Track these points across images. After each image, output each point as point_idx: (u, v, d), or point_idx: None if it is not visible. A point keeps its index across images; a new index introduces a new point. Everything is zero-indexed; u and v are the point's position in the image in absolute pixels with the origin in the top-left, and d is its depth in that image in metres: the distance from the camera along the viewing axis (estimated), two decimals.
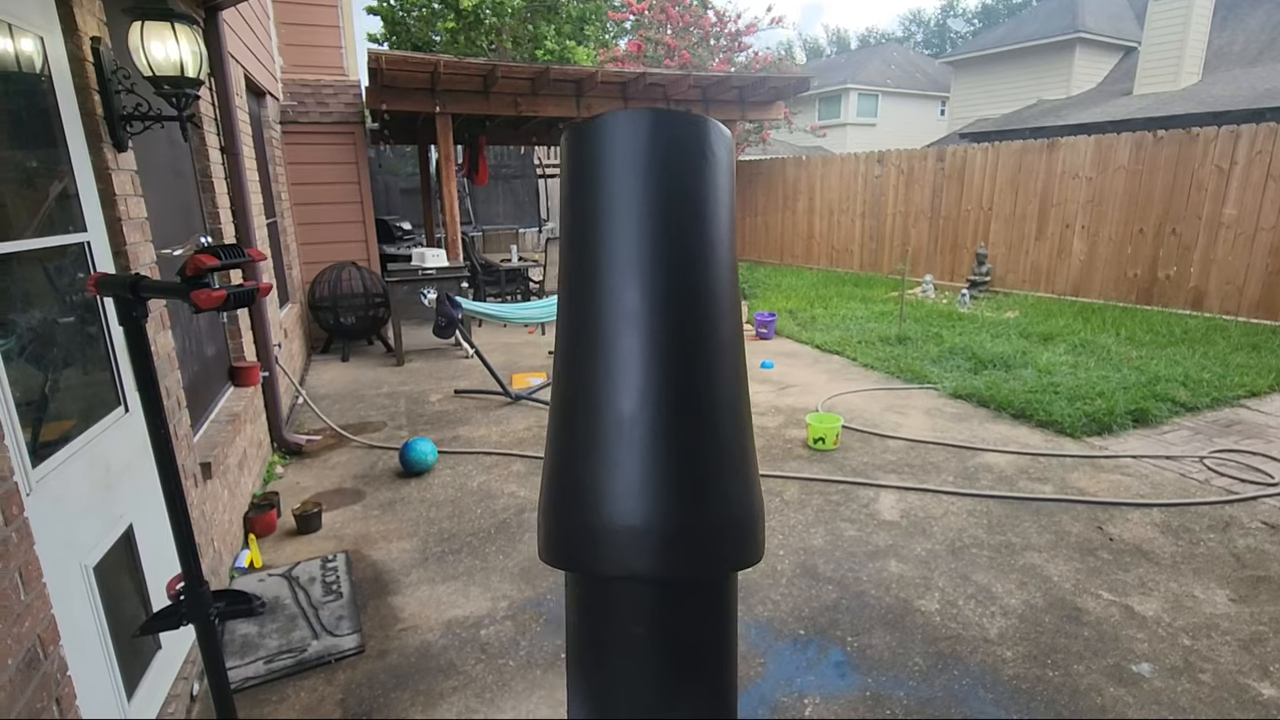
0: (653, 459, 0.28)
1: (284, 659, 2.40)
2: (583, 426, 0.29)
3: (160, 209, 2.82)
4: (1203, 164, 7.39)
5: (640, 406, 0.28)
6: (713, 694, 0.31)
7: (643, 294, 0.28)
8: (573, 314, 0.30)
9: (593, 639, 0.31)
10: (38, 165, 1.93)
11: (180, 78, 2.38)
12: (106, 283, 1.29)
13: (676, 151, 0.29)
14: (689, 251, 0.29)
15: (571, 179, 0.30)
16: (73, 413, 1.92)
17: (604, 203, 0.29)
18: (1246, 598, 2.70)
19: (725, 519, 0.29)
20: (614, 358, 0.28)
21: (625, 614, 0.30)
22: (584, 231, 0.29)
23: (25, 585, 1.41)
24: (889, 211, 11.05)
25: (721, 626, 0.31)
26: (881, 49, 29.98)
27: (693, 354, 0.29)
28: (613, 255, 0.28)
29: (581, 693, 0.31)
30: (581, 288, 0.29)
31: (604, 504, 0.28)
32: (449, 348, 7.09)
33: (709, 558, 0.29)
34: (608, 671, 0.30)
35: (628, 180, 0.29)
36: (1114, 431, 4.43)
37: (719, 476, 0.29)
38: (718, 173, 0.30)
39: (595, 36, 17.10)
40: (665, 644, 0.30)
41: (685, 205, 0.29)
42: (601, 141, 0.29)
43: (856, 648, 2.45)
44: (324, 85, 7.04)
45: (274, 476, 3.99)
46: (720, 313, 0.30)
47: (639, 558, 0.28)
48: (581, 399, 0.29)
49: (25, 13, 1.85)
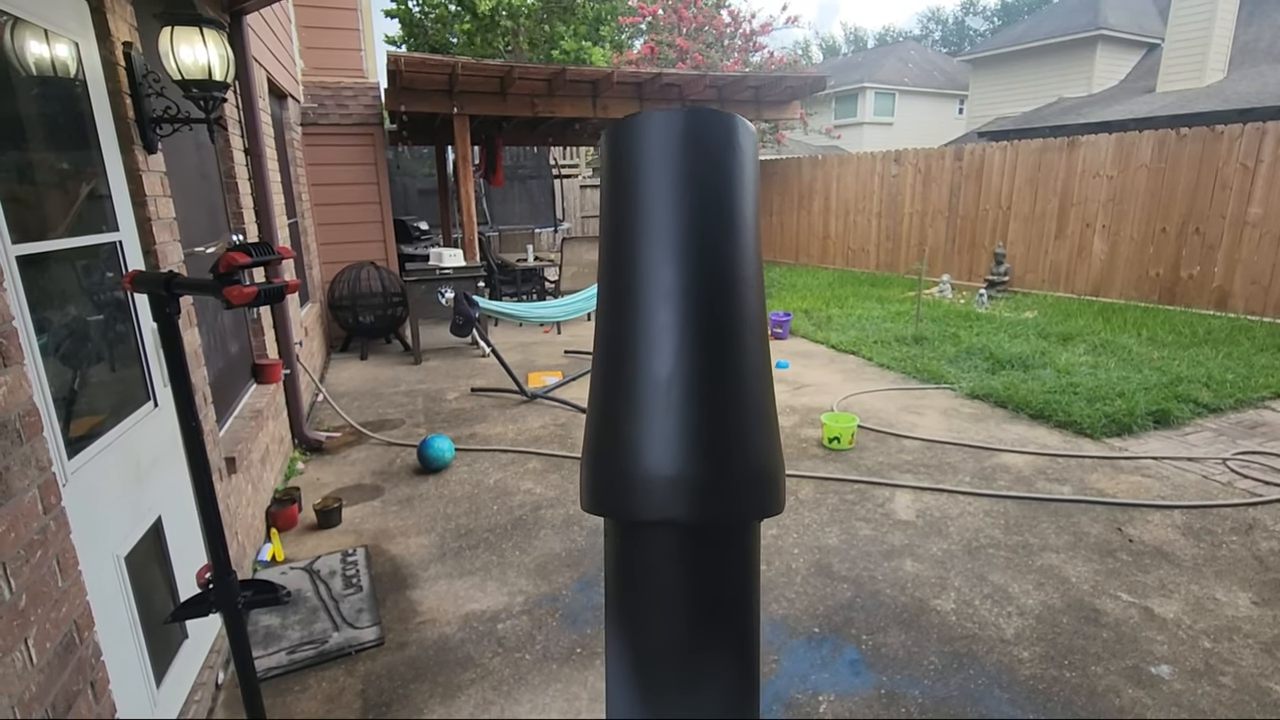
0: (686, 416, 0.31)
1: (306, 650, 2.45)
2: (623, 388, 0.31)
3: (187, 209, 2.88)
4: (1227, 162, 7.27)
5: (675, 370, 0.31)
6: (738, 635, 0.33)
7: (677, 273, 0.31)
8: (612, 290, 0.33)
9: (629, 582, 0.33)
10: (72, 167, 1.99)
11: (208, 81, 2.44)
12: (142, 280, 1.34)
13: (707, 145, 0.32)
14: (719, 236, 0.32)
15: (611, 171, 0.33)
16: (104, 407, 1.98)
17: (641, 192, 0.32)
18: (1270, 600, 2.66)
19: (751, 471, 0.32)
20: (651, 328, 0.31)
21: (659, 558, 0.32)
22: (622, 217, 0.32)
23: (63, 572, 1.46)
24: (906, 211, 10.98)
25: (746, 573, 0.34)
26: (899, 47, 29.75)
27: (723, 326, 0.32)
28: (650, 238, 0.31)
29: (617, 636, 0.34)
30: (621, 268, 0.32)
31: (641, 456, 0.31)
32: (466, 346, 7.16)
33: (736, 505, 0.32)
34: (642, 612, 0.33)
35: (663, 171, 0.31)
36: (1134, 432, 4.38)
37: (746, 433, 0.32)
38: (744, 164, 0.33)
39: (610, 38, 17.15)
40: (695, 586, 0.33)
41: (715, 194, 0.32)
42: (639, 136, 0.32)
43: (871, 646, 2.45)
44: (344, 87, 7.14)
45: (295, 472, 4.06)
46: (747, 291, 0.33)
47: (673, 504, 0.31)
48: (621, 364, 0.32)
49: (62, 19, 1.91)
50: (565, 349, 7.06)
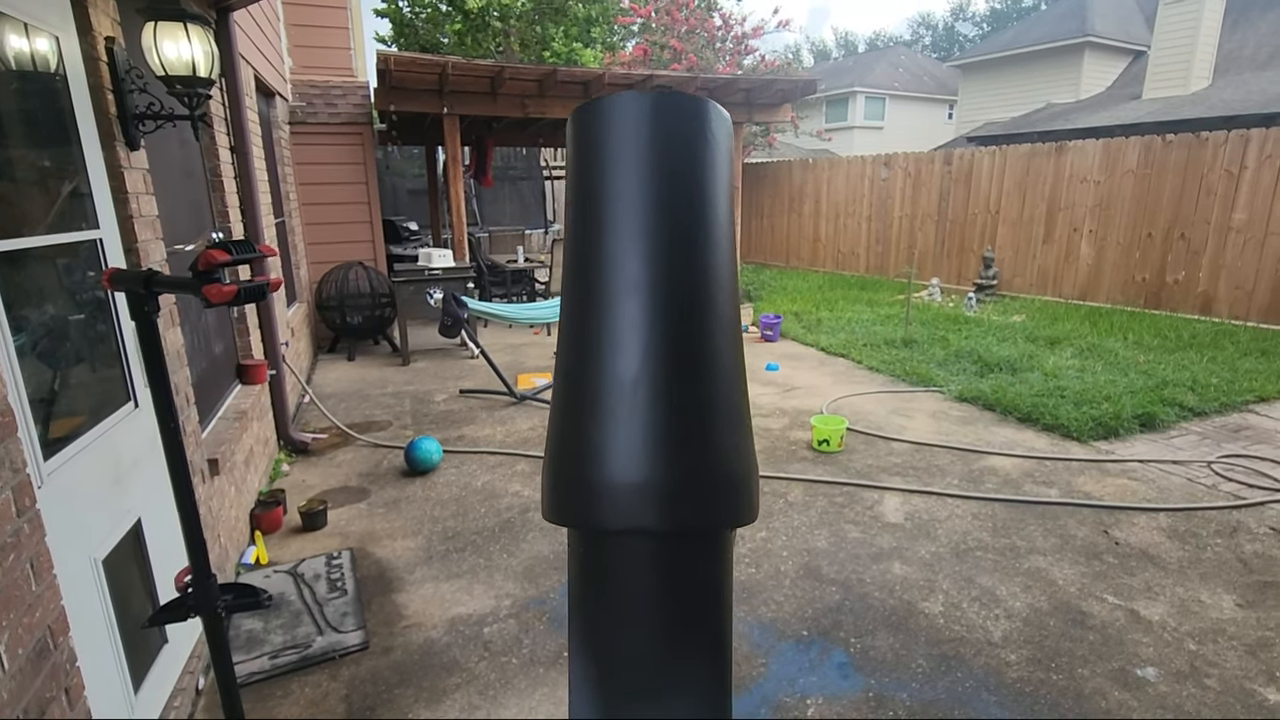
0: (653, 418, 0.29)
1: (289, 654, 2.41)
2: (586, 388, 0.30)
3: (171, 207, 2.84)
4: (1212, 168, 7.36)
5: (641, 370, 0.29)
6: (709, 648, 0.32)
7: (644, 264, 0.30)
8: (577, 282, 0.31)
9: (594, 593, 0.32)
10: (52, 163, 1.96)
11: (192, 77, 2.40)
12: (120, 278, 1.31)
13: (677, 131, 0.31)
14: (688, 225, 0.30)
15: (577, 155, 0.32)
16: (83, 408, 1.94)
17: (608, 178, 0.30)
18: (1254, 603, 2.68)
19: (721, 477, 0.31)
20: (617, 323, 0.29)
21: (626, 568, 0.31)
22: (588, 204, 0.31)
23: (36, 576, 1.43)
24: (895, 214, 11.03)
25: (717, 583, 0.32)
26: (889, 52, 29.93)
27: (691, 321, 0.30)
28: (616, 227, 0.30)
29: (582, 648, 0.32)
30: (586, 258, 0.31)
31: (606, 461, 0.29)
32: (454, 348, 7.12)
33: (705, 512, 0.31)
34: (608, 626, 0.31)
35: (630, 156, 0.30)
36: (1121, 436, 4.41)
37: (715, 437, 0.31)
38: (717, 152, 0.32)
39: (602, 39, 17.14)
40: (664, 598, 0.31)
41: (685, 182, 0.30)
42: (606, 120, 0.31)
43: (859, 649, 2.45)
44: (332, 86, 7.09)
45: (280, 474, 4.01)
46: (718, 285, 0.31)
47: (639, 512, 0.29)
48: (585, 363, 0.30)
49: (42, 13, 1.87)
50: (555, 351, 7.02)
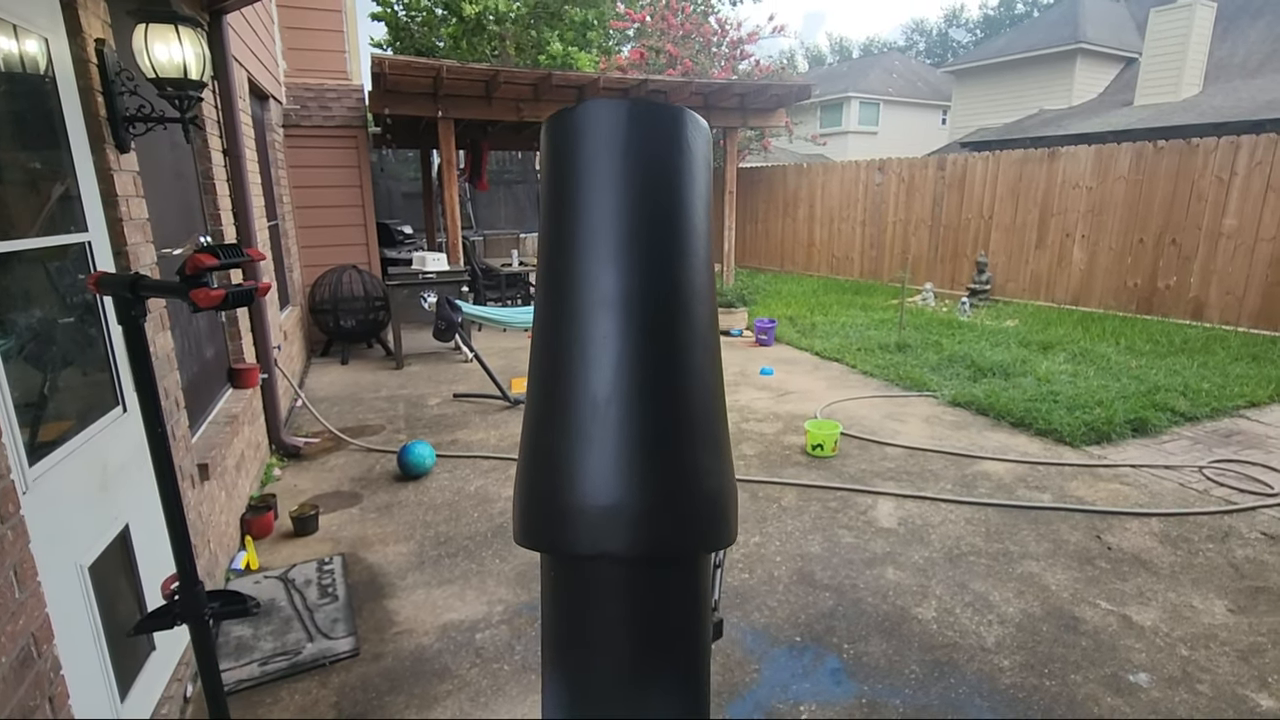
0: (626, 440, 0.28)
1: (278, 661, 2.39)
2: (558, 409, 0.29)
3: (162, 210, 2.83)
4: (1203, 174, 7.41)
5: (614, 389, 0.28)
6: (684, 673, 0.31)
7: (618, 279, 0.29)
8: (549, 295, 0.30)
9: (566, 619, 0.31)
10: (40, 166, 1.94)
11: (183, 80, 2.39)
12: (106, 281, 1.30)
13: (653, 141, 0.30)
14: (665, 238, 0.30)
15: (550, 165, 0.31)
16: (70, 412, 1.92)
17: (581, 189, 0.30)
18: (1245, 608, 2.69)
19: (698, 500, 0.30)
20: (589, 341, 0.29)
21: (598, 594, 0.30)
22: (561, 217, 0.30)
23: (20, 583, 1.41)
24: (889, 219, 11.07)
25: (693, 608, 0.31)
26: (883, 58, 30.09)
27: (667, 338, 0.29)
28: (589, 241, 0.29)
29: (554, 673, 0.32)
30: (558, 272, 0.30)
31: (577, 484, 0.29)
32: (448, 351, 7.10)
33: (680, 537, 0.30)
34: (581, 652, 0.31)
35: (604, 167, 0.29)
36: (1113, 440, 4.43)
37: (690, 458, 0.30)
38: (694, 162, 0.31)
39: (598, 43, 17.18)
40: (637, 624, 0.30)
41: (660, 193, 0.30)
42: (580, 129, 0.30)
43: (853, 655, 2.44)
44: (327, 89, 7.07)
45: (271, 479, 3.98)
46: (694, 298, 0.30)
47: (611, 536, 0.28)
48: (557, 381, 0.29)
49: (30, 14, 1.86)
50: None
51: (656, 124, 0.28)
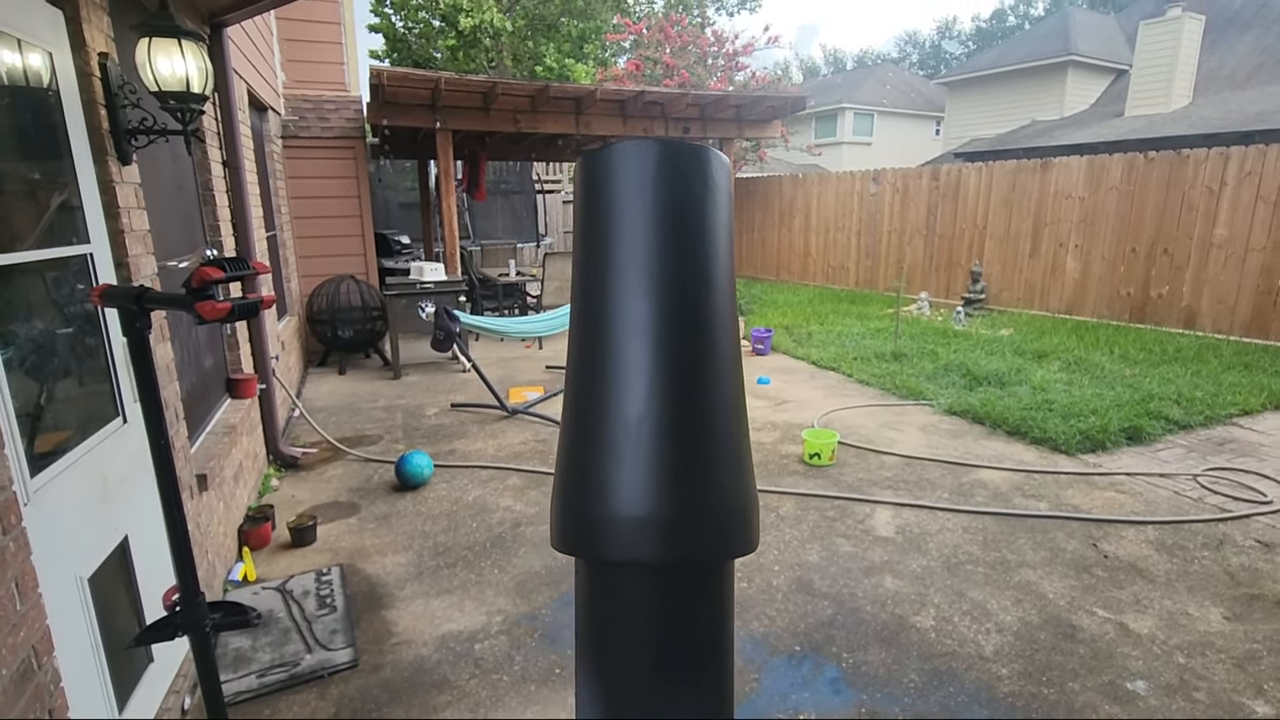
0: (657, 455, 0.30)
1: (277, 673, 2.38)
2: (593, 426, 0.31)
3: (162, 222, 2.84)
4: (1193, 185, 7.49)
5: (647, 408, 0.30)
6: (710, 674, 0.33)
7: (650, 307, 0.31)
8: (585, 324, 0.32)
9: (600, 621, 0.33)
10: (43, 177, 1.95)
11: (186, 93, 2.41)
12: (112, 294, 1.31)
13: (681, 178, 0.32)
14: (692, 270, 0.32)
15: (585, 202, 0.33)
16: (71, 423, 1.92)
17: (615, 224, 0.31)
18: (1241, 616, 2.70)
19: (722, 510, 0.32)
20: (623, 364, 0.31)
21: (629, 598, 0.32)
22: (596, 249, 0.32)
23: (21, 595, 1.41)
24: (884, 229, 11.14)
25: (719, 612, 0.33)
26: (877, 69, 30.36)
27: (695, 363, 0.31)
28: (622, 271, 0.31)
29: (589, 673, 0.33)
30: (593, 300, 0.32)
31: (611, 496, 0.30)
32: (446, 361, 7.10)
33: (707, 544, 0.32)
34: (613, 652, 0.32)
35: (636, 204, 0.31)
36: (1108, 449, 4.45)
37: (718, 472, 0.32)
38: (718, 198, 0.33)
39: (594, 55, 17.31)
40: (666, 626, 0.32)
41: (688, 227, 0.32)
42: (613, 168, 0.32)
43: (852, 664, 2.45)
44: (325, 101, 7.11)
45: (269, 489, 3.98)
46: (721, 327, 0.32)
47: (642, 544, 0.30)
48: (592, 401, 0.31)
49: (35, 29, 1.88)
50: (547, 364, 7.03)
51: (683, 162, 0.30)
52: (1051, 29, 19.30)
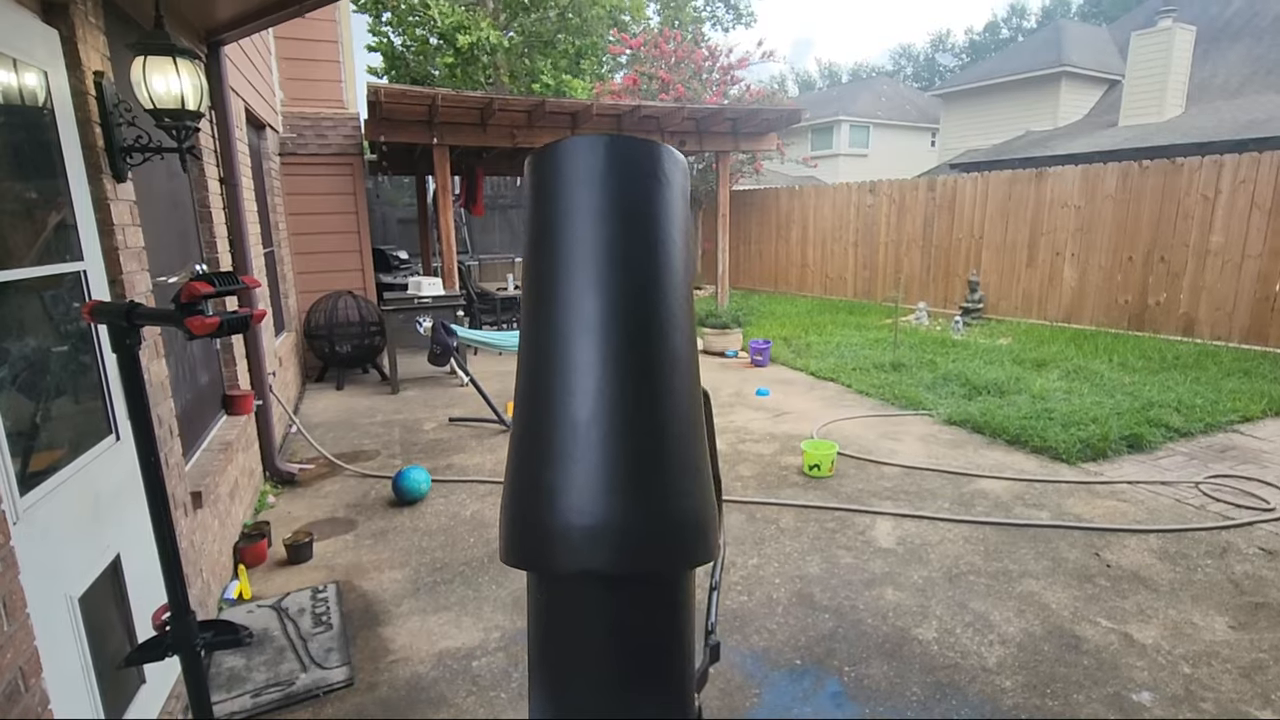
0: (607, 460, 0.29)
1: (271, 692, 2.35)
2: (541, 430, 0.30)
3: (158, 238, 2.84)
4: (1188, 193, 7.52)
5: (595, 410, 0.29)
6: (668, 691, 0.31)
7: (598, 305, 0.30)
8: (533, 323, 0.31)
9: (552, 637, 0.31)
10: (37, 196, 1.95)
11: (181, 111, 2.42)
12: (101, 310, 1.30)
13: (631, 173, 0.31)
14: (644, 267, 0.31)
15: (534, 198, 0.32)
16: (63, 441, 1.91)
17: (562, 220, 0.31)
18: (1246, 624, 2.67)
19: (677, 519, 0.30)
20: (571, 364, 0.30)
21: (581, 611, 0.30)
22: (544, 246, 0.31)
23: (9, 616, 1.40)
24: (881, 240, 11.18)
25: (677, 624, 0.32)
26: (872, 82, 30.61)
27: (647, 363, 0.30)
28: (570, 268, 0.30)
29: (541, 691, 0.32)
30: (541, 298, 0.31)
31: (559, 504, 0.29)
32: (444, 376, 7.09)
33: (660, 554, 0.30)
34: (565, 669, 0.31)
35: (585, 199, 0.30)
36: (1109, 457, 4.43)
37: (671, 478, 0.30)
38: (670, 193, 0.32)
39: (591, 70, 17.45)
40: (621, 641, 0.31)
41: (639, 222, 0.31)
42: (561, 163, 0.31)
43: (854, 677, 2.42)
44: (323, 118, 7.15)
45: (265, 506, 3.95)
46: (674, 325, 0.31)
47: (592, 555, 0.29)
48: (540, 404, 0.30)
49: (30, 48, 1.89)
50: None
51: (634, 158, 0.29)
52: (1044, 41, 19.48)
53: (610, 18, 16.82)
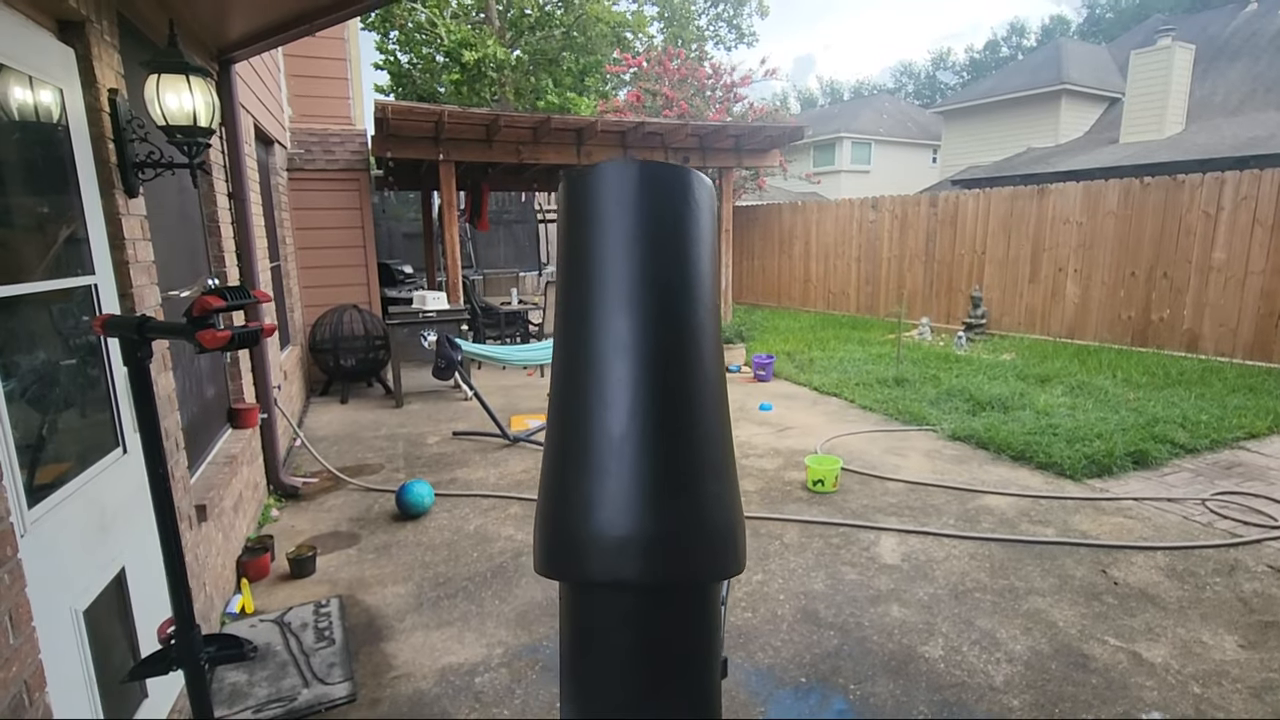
0: (639, 474, 0.30)
1: (273, 708, 2.34)
2: (576, 445, 0.31)
3: (167, 252, 2.87)
4: (1190, 209, 7.54)
5: (629, 426, 0.30)
6: (695, 700, 0.32)
7: (631, 324, 0.31)
8: (567, 341, 0.32)
9: (583, 645, 0.32)
10: (50, 210, 1.98)
11: (193, 127, 2.45)
12: (113, 324, 1.32)
13: (662, 198, 0.32)
14: (674, 288, 0.32)
15: (568, 221, 0.33)
16: (71, 454, 1.92)
17: (597, 242, 0.32)
18: (1256, 643, 2.65)
19: (708, 531, 0.31)
20: (605, 381, 0.30)
21: (612, 620, 0.31)
22: (578, 267, 0.32)
23: (15, 629, 1.40)
24: (884, 255, 11.21)
25: (705, 634, 0.32)
26: (874, 99, 30.85)
27: (677, 378, 0.31)
28: (604, 289, 0.31)
29: (572, 697, 0.32)
30: (576, 318, 0.32)
31: (593, 516, 0.30)
32: (448, 390, 7.10)
33: (690, 565, 0.31)
34: (597, 676, 0.31)
35: (618, 223, 0.31)
36: (1114, 473, 4.41)
37: (701, 491, 0.31)
38: (700, 216, 0.33)
39: (595, 88, 17.63)
40: (650, 649, 0.31)
41: (669, 245, 0.32)
42: (595, 188, 0.32)
43: (859, 696, 2.39)
44: (331, 134, 7.23)
45: (269, 519, 3.95)
46: (702, 344, 0.32)
47: (624, 565, 0.30)
48: (575, 419, 0.31)
49: (47, 66, 1.92)
50: (549, 392, 7.02)
51: (665, 183, 0.30)
52: (1044, 59, 19.65)
53: (614, 34, 17.02)
